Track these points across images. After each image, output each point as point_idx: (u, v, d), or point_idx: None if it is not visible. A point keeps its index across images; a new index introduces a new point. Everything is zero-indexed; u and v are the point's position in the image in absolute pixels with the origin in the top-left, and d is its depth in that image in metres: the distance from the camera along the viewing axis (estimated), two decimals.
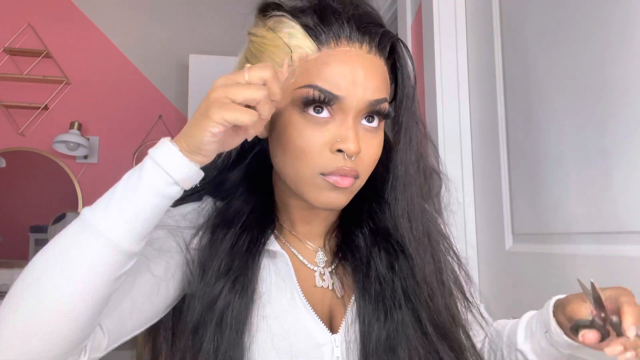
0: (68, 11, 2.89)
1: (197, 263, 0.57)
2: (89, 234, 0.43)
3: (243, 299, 0.55)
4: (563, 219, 0.89)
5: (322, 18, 0.53)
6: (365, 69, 0.52)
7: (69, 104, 2.82)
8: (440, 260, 0.62)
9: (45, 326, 0.41)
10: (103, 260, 0.43)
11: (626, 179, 0.75)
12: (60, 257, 0.43)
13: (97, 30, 2.92)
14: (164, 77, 2.97)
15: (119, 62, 2.93)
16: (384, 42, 0.55)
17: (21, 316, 0.42)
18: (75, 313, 0.42)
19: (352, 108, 0.52)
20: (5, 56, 2.73)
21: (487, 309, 0.86)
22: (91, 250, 0.42)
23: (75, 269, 0.42)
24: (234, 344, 0.53)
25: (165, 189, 0.45)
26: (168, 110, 2.94)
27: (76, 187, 2.77)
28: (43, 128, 2.77)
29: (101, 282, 0.43)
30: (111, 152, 2.84)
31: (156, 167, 0.45)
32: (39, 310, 0.41)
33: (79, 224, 0.44)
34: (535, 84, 0.98)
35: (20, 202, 2.73)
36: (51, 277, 0.42)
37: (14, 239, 2.70)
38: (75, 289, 0.42)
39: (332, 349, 0.57)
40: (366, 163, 0.54)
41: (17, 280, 0.44)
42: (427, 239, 0.60)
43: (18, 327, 0.41)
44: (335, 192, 0.53)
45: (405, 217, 0.59)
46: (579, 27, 0.86)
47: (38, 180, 2.76)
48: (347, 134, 0.51)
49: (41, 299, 0.42)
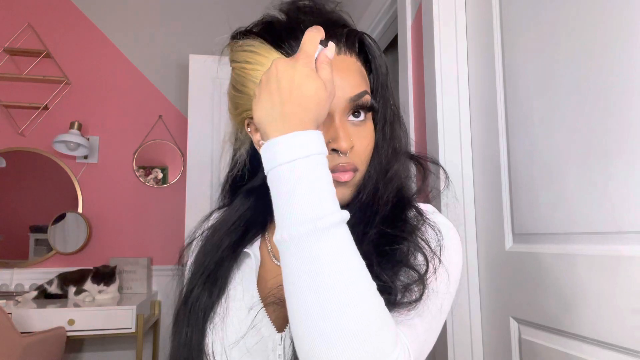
0: (68, 11, 2.89)
1: (190, 265, 0.67)
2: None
3: (211, 294, 0.62)
4: (563, 219, 0.89)
5: (289, 33, 0.57)
6: (340, 71, 0.56)
7: (69, 104, 2.82)
8: (373, 227, 0.59)
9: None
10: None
11: (626, 179, 0.75)
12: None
13: (97, 30, 2.92)
14: (164, 77, 2.97)
15: (119, 62, 2.93)
16: (351, 40, 0.59)
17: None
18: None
19: (336, 109, 0.55)
20: (5, 56, 2.73)
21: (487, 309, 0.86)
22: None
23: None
24: (197, 335, 0.60)
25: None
26: (168, 110, 2.94)
27: (76, 187, 2.77)
28: (43, 128, 2.77)
29: None
30: (111, 152, 2.84)
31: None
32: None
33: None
34: (535, 84, 0.98)
35: (20, 202, 2.73)
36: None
37: (14, 239, 2.70)
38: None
39: (275, 346, 0.60)
40: (362, 155, 0.58)
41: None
42: (370, 208, 0.59)
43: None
44: (339, 188, 0.56)
45: (371, 185, 0.60)
46: (579, 27, 0.86)
47: (38, 180, 2.75)
48: (336, 134, 0.55)
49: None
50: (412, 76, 1.48)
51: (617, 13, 0.77)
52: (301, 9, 0.60)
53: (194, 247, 0.70)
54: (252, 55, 0.57)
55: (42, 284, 2.46)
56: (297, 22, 0.58)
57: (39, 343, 1.95)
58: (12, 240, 2.70)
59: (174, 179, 2.87)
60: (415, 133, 1.44)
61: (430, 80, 1.30)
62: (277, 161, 0.46)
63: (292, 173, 0.45)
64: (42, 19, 2.83)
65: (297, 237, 0.43)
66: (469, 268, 1.18)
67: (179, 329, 0.63)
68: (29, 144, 2.75)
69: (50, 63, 2.78)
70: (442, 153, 1.23)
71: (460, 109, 1.24)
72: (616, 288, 0.75)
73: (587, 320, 0.81)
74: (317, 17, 0.59)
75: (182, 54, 2.91)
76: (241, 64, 0.59)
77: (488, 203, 1.15)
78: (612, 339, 0.76)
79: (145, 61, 2.96)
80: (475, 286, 1.17)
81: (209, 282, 0.63)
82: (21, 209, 2.73)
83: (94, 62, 2.89)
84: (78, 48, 2.87)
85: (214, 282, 0.63)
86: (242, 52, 0.59)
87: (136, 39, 2.96)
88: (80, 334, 2.18)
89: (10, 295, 2.47)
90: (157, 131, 2.88)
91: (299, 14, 0.59)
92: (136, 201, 2.83)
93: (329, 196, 0.45)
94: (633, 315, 0.72)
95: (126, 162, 2.83)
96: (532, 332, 0.97)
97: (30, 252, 2.70)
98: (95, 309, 2.23)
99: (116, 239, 2.79)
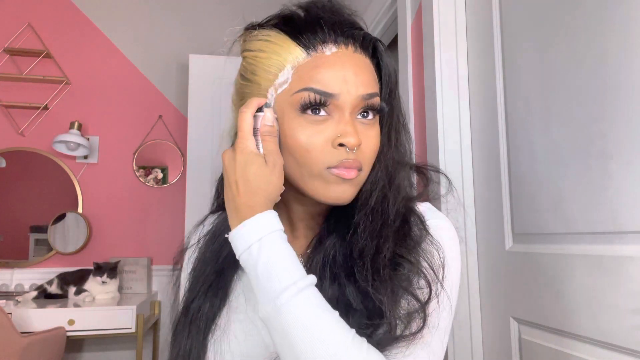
0: (68, 11, 2.89)
1: (189, 273, 0.67)
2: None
3: (212, 305, 0.62)
4: (563, 219, 0.89)
5: (308, 27, 0.57)
6: (354, 67, 0.56)
7: (69, 104, 2.82)
8: (386, 239, 0.59)
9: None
10: None
11: (626, 179, 0.75)
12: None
13: (97, 30, 2.92)
14: (164, 77, 2.97)
15: (119, 62, 2.93)
16: (367, 43, 0.60)
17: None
18: None
19: (347, 104, 0.55)
20: (5, 56, 2.72)
21: (487, 309, 0.86)
22: None
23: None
24: (198, 344, 0.60)
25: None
26: (168, 110, 2.94)
27: (76, 187, 2.77)
28: (43, 128, 2.77)
29: None
30: (111, 152, 2.84)
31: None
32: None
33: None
34: (535, 84, 0.98)
35: (20, 202, 2.73)
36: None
37: (14, 239, 2.70)
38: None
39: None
40: (367, 155, 0.57)
41: None
42: (380, 216, 0.58)
43: None
44: (342, 185, 0.56)
45: (365, 196, 0.59)
46: (579, 27, 0.86)
47: (38, 180, 2.75)
48: (346, 128, 0.55)
49: None
50: (412, 76, 1.48)
51: (617, 13, 0.77)
52: (320, 7, 0.60)
53: (192, 253, 0.69)
54: (268, 44, 0.58)
55: (42, 284, 2.46)
56: (317, 17, 0.58)
57: (39, 343, 1.95)
58: (12, 240, 2.70)
59: (174, 179, 2.87)
60: (415, 133, 1.44)
61: (430, 80, 1.30)
62: (238, 251, 0.52)
63: (250, 259, 0.51)
64: (42, 19, 2.83)
65: (267, 317, 0.49)
66: (469, 268, 1.18)
67: (179, 340, 0.63)
68: (29, 144, 2.75)
69: (50, 63, 2.78)
70: (442, 153, 1.23)
71: (460, 109, 1.24)
72: (616, 288, 0.75)
73: (587, 320, 0.81)
74: (336, 15, 0.59)
75: (182, 54, 2.91)
76: (255, 52, 0.59)
77: (488, 203, 1.15)
78: (612, 339, 0.76)
79: (145, 61, 2.96)
80: (475, 286, 1.17)
81: (210, 293, 0.62)
82: (21, 209, 2.73)
83: (94, 62, 2.89)
84: (78, 48, 2.87)
85: (215, 293, 0.63)
86: (256, 41, 0.59)
87: (136, 39, 2.96)
88: (80, 334, 2.18)
89: (10, 295, 2.47)
90: (157, 131, 2.88)
91: (318, 11, 0.59)
92: (136, 201, 2.83)
93: (284, 273, 0.50)
94: (633, 315, 0.72)
95: (126, 162, 2.83)
96: (532, 332, 0.97)
97: (30, 252, 2.70)
98: (95, 309, 2.23)
99: (116, 239, 2.79)
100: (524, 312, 1.00)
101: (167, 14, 3.02)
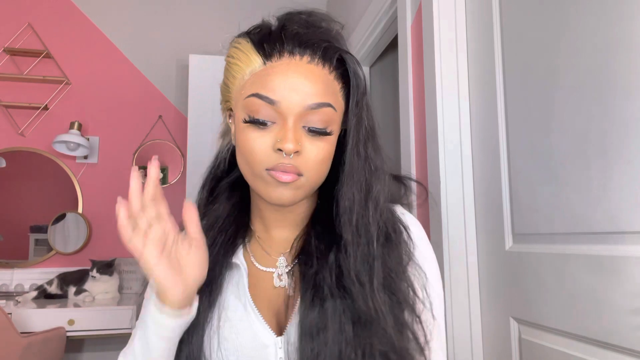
0: (68, 11, 2.89)
1: None
2: None
3: (204, 304, 0.63)
4: (563, 219, 0.89)
5: (270, 37, 0.60)
6: (303, 76, 0.58)
7: (69, 104, 2.82)
8: (376, 258, 0.62)
9: None
10: None
11: (625, 179, 0.75)
12: None
13: (97, 30, 2.92)
14: (164, 77, 2.97)
15: (119, 62, 2.93)
16: (329, 54, 0.60)
17: None
18: None
19: (290, 111, 0.57)
20: (5, 56, 2.73)
21: (487, 309, 0.86)
22: None
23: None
24: (196, 345, 0.62)
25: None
26: (168, 110, 2.94)
27: (76, 187, 2.77)
28: (43, 128, 2.77)
29: None
30: (111, 152, 2.84)
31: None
32: None
33: None
34: (535, 84, 0.98)
35: (20, 202, 2.73)
36: None
37: (14, 239, 2.70)
38: None
39: (276, 350, 0.61)
40: (310, 163, 0.59)
41: None
42: (365, 234, 0.61)
43: None
44: (281, 188, 0.58)
45: (347, 213, 0.61)
46: (578, 27, 0.86)
47: (38, 180, 2.75)
48: (285, 135, 0.56)
49: None
50: (412, 76, 1.48)
51: (617, 12, 0.77)
52: (293, 18, 0.61)
53: None
54: (236, 52, 0.62)
55: (42, 284, 2.46)
56: (282, 28, 0.60)
57: (39, 343, 1.95)
58: (12, 240, 2.70)
59: (174, 179, 2.87)
60: (415, 133, 1.44)
61: (430, 80, 1.30)
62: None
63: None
64: (42, 19, 2.83)
65: None
66: (469, 268, 1.18)
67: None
68: (29, 144, 2.75)
69: (50, 63, 2.78)
70: (442, 153, 1.23)
71: (460, 109, 1.24)
72: (616, 288, 0.75)
73: (587, 320, 0.81)
74: (304, 28, 0.60)
75: (182, 53, 2.91)
76: (229, 59, 0.64)
77: (488, 203, 1.15)
78: (612, 339, 0.76)
79: (145, 61, 2.96)
80: (475, 286, 1.17)
81: (204, 294, 0.63)
82: (21, 209, 2.73)
83: (94, 62, 2.89)
84: (78, 48, 2.87)
85: (209, 294, 0.64)
86: (232, 47, 0.64)
87: (136, 39, 2.96)
88: (80, 334, 2.18)
89: (10, 295, 2.47)
90: (157, 131, 2.88)
91: (289, 23, 0.61)
92: None
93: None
94: (633, 315, 0.72)
95: (126, 162, 2.83)
96: (532, 332, 0.97)
97: (30, 252, 2.70)
98: (95, 309, 2.23)
99: (116, 239, 2.77)
100: (524, 312, 1.00)
101: (168, 14, 3.02)
